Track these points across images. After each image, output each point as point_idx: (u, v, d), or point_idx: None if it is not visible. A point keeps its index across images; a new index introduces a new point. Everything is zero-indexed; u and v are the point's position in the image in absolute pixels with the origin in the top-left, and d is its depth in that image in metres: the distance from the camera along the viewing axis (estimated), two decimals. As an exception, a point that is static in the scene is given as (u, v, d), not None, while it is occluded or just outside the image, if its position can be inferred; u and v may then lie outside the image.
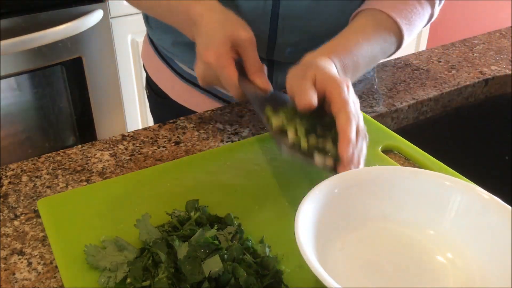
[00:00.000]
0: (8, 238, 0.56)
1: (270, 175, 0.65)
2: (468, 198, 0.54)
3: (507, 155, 0.99)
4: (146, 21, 0.95)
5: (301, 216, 0.49)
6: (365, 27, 0.74)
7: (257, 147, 0.70)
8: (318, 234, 0.50)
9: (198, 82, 0.90)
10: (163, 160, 0.69)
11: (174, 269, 0.48)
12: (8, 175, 0.66)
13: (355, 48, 0.71)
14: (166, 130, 0.75)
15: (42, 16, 1.47)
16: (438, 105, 0.88)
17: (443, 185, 0.55)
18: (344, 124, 0.57)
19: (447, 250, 0.54)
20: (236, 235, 0.52)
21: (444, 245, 0.54)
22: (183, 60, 0.90)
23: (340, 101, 0.59)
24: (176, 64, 0.92)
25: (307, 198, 0.51)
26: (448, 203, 0.55)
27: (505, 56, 1.00)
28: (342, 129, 0.57)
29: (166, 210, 0.57)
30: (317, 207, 0.52)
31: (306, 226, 0.49)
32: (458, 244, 0.54)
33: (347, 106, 0.58)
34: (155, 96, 1.00)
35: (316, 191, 0.52)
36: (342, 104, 0.58)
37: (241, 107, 0.81)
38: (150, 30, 0.95)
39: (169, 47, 0.90)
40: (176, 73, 0.92)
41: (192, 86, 0.91)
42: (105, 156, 0.69)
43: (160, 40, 0.92)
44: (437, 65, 0.96)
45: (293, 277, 0.51)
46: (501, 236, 0.50)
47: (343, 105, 0.58)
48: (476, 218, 0.53)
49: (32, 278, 0.52)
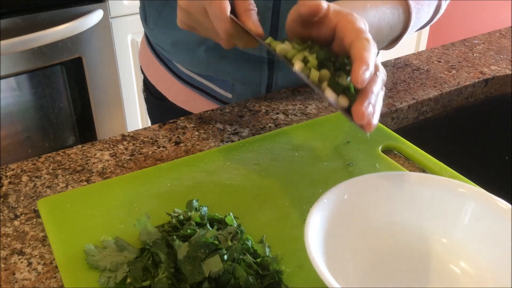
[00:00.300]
0: (8, 238, 0.56)
1: (270, 175, 0.65)
2: (481, 205, 0.52)
3: (507, 155, 0.99)
4: (144, 21, 0.95)
5: (310, 227, 0.47)
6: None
7: (257, 147, 0.70)
8: (328, 244, 0.49)
9: (196, 83, 0.91)
10: (163, 160, 0.69)
11: (174, 269, 0.48)
12: (8, 175, 0.66)
13: (361, 12, 0.65)
14: (166, 130, 0.75)
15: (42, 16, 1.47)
16: (438, 105, 0.88)
17: (455, 191, 0.54)
18: (361, 49, 0.49)
19: (460, 258, 0.53)
20: (236, 235, 0.52)
21: (456, 254, 0.53)
22: (181, 61, 0.90)
23: (354, 29, 0.51)
24: (174, 65, 0.92)
25: (315, 207, 0.49)
26: (460, 210, 0.53)
27: (505, 56, 1.00)
28: (358, 54, 0.49)
29: (166, 210, 0.57)
30: (326, 216, 0.50)
31: (315, 237, 0.47)
32: (471, 253, 0.52)
33: (363, 33, 0.51)
34: (152, 98, 1.00)
35: (324, 199, 0.51)
36: (357, 32, 0.51)
37: (241, 107, 0.81)
38: (148, 31, 0.94)
39: (167, 47, 0.90)
40: (174, 74, 0.92)
41: (190, 87, 0.91)
42: (105, 156, 0.69)
43: (158, 40, 0.92)
44: (437, 65, 0.96)
45: (293, 277, 0.51)
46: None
47: (359, 33, 0.51)
48: (489, 226, 0.52)
49: (32, 278, 0.52)
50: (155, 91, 0.98)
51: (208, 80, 0.89)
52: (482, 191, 0.54)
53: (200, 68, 0.88)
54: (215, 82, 0.88)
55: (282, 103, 0.82)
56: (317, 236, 0.48)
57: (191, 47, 0.85)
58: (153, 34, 0.92)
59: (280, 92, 0.86)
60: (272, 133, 0.73)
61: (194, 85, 0.90)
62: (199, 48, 0.84)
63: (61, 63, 1.57)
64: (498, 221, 0.51)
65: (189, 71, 0.90)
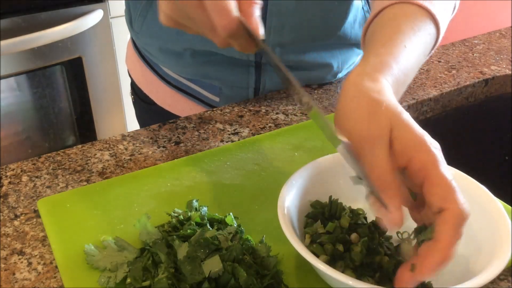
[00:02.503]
0: (8, 238, 0.56)
1: (270, 175, 0.65)
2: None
3: (507, 155, 0.99)
4: (130, 25, 0.92)
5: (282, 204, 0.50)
6: (400, 25, 0.56)
7: (257, 147, 0.70)
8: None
9: (183, 87, 0.89)
10: (163, 160, 0.69)
11: (174, 269, 0.48)
12: (8, 175, 0.66)
13: (403, 55, 0.53)
14: (166, 130, 0.75)
15: (42, 16, 1.47)
16: (438, 105, 0.88)
17: None
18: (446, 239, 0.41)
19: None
20: (236, 235, 0.52)
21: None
22: (168, 65, 0.89)
23: (443, 184, 0.42)
24: (161, 69, 0.90)
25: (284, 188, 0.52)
26: None
27: (505, 56, 1.00)
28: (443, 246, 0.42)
29: (166, 210, 0.57)
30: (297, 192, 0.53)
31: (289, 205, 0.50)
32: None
33: (456, 197, 0.42)
34: (140, 102, 0.99)
35: (293, 180, 0.54)
36: (447, 191, 0.42)
37: (241, 107, 0.81)
38: (134, 35, 0.92)
39: (154, 51, 0.89)
40: (161, 78, 0.91)
41: (177, 91, 0.90)
42: (105, 156, 0.69)
43: (144, 44, 0.91)
44: (437, 65, 0.96)
45: (293, 277, 0.51)
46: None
47: (450, 195, 0.42)
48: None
49: (32, 278, 0.52)
50: (142, 95, 0.97)
51: (196, 84, 0.88)
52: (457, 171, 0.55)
53: (187, 72, 0.87)
54: (203, 86, 0.87)
55: (282, 103, 0.82)
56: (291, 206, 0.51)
57: (177, 51, 0.84)
58: (138, 37, 0.91)
59: (280, 92, 0.86)
60: (272, 133, 0.73)
61: (181, 89, 0.89)
62: (186, 53, 0.83)
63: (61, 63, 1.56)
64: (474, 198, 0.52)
65: (176, 74, 0.89)
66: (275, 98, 0.84)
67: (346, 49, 0.87)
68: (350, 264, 0.48)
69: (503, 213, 0.50)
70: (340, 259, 0.49)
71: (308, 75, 0.86)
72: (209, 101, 0.88)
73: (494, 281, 0.53)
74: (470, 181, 0.54)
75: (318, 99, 0.84)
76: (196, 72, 0.86)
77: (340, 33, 0.82)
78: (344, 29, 0.82)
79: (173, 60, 0.86)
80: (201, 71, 0.85)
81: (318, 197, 0.55)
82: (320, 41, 0.82)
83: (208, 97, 0.88)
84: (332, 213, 0.53)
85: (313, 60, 0.84)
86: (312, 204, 0.54)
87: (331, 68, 0.86)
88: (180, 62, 0.86)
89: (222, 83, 0.85)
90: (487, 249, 0.49)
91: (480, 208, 0.51)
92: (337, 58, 0.86)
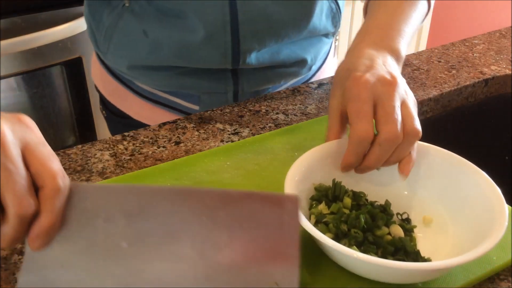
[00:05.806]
0: (8, 238, 0.56)
1: (270, 175, 0.65)
2: (436, 160, 0.61)
3: (507, 155, 0.99)
4: (95, 44, 0.87)
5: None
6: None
7: (257, 147, 0.70)
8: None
9: (160, 99, 0.86)
10: (163, 160, 0.69)
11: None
12: (8, 175, 0.65)
13: (403, 25, 0.67)
14: (166, 130, 0.75)
15: (42, 16, 1.47)
16: (438, 105, 0.88)
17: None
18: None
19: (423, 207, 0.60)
20: (236, 235, 0.52)
21: (419, 204, 0.60)
22: (143, 81, 0.86)
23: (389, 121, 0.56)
24: (134, 83, 0.87)
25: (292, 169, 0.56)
26: (419, 166, 0.60)
27: (505, 56, 1.00)
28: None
29: (166, 210, 0.57)
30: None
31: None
32: (431, 201, 0.60)
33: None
34: (113, 117, 0.94)
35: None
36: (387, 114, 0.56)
37: (241, 107, 0.81)
38: (102, 55, 0.88)
39: (125, 70, 0.85)
40: (134, 92, 0.88)
41: (154, 104, 0.87)
42: (105, 156, 0.69)
43: (113, 64, 0.87)
44: (437, 65, 0.96)
45: (293, 277, 0.51)
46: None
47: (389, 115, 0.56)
48: (446, 177, 0.60)
49: (32, 278, 0.51)
50: (115, 110, 0.93)
51: (173, 96, 0.86)
52: (436, 147, 0.61)
53: (163, 85, 0.85)
54: (180, 96, 0.86)
55: (282, 103, 0.82)
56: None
57: (151, 66, 0.82)
58: (106, 58, 0.87)
59: (280, 92, 0.86)
60: (272, 133, 0.73)
61: (158, 101, 0.87)
62: (160, 67, 0.81)
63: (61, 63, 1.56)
64: (454, 171, 0.59)
65: (151, 88, 0.86)
66: (275, 98, 0.84)
67: (316, 41, 0.87)
68: (353, 241, 0.52)
69: (500, 197, 0.54)
70: (344, 237, 0.53)
71: (285, 72, 0.86)
72: (189, 110, 0.86)
73: (494, 281, 0.53)
74: (469, 165, 0.60)
75: (318, 99, 0.84)
76: (172, 84, 0.84)
77: (310, 27, 0.82)
78: (313, 23, 0.82)
79: (147, 75, 0.84)
80: (178, 83, 0.83)
81: (322, 180, 0.58)
82: (292, 39, 0.82)
83: (187, 106, 0.86)
84: (335, 195, 0.57)
85: (288, 58, 0.84)
86: (316, 187, 0.58)
87: (305, 62, 0.86)
88: (155, 76, 0.83)
89: (200, 91, 0.84)
90: (482, 229, 0.52)
91: (479, 192, 0.55)
92: (310, 52, 0.86)
